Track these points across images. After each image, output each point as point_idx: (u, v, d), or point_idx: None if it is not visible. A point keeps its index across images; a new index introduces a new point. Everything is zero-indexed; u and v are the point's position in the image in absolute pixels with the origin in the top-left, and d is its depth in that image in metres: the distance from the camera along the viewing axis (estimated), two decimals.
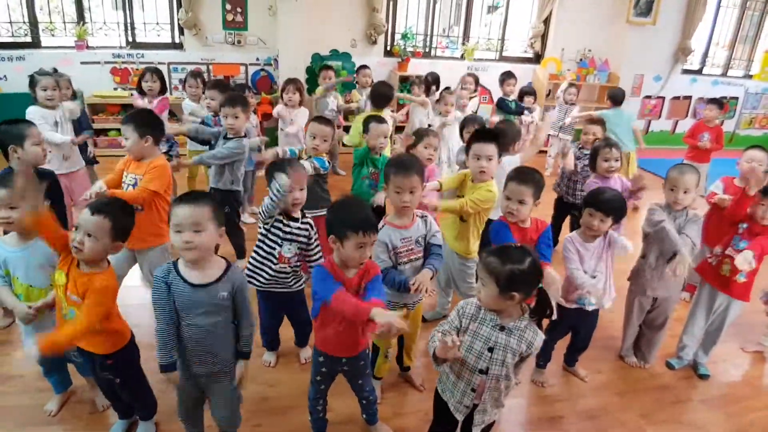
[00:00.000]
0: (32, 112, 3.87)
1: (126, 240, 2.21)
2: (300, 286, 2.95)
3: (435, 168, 3.76)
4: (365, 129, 3.80)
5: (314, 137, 3.52)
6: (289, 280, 2.86)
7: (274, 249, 2.75)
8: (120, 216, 2.14)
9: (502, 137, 3.65)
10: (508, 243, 2.12)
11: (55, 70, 5.00)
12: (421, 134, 3.73)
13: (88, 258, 2.09)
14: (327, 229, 2.19)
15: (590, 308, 2.97)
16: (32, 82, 4.01)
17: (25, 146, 2.96)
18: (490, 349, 2.01)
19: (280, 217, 2.73)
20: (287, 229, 2.73)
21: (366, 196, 3.76)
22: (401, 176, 2.53)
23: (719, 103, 6.01)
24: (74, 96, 4.93)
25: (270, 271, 2.79)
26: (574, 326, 3.11)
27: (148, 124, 3.13)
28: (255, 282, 2.83)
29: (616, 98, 6.44)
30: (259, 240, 2.81)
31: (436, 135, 3.77)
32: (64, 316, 2.17)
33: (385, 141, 3.80)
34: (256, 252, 2.83)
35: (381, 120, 3.83)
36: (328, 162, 3.61)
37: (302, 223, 2.77)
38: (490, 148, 3.04)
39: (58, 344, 1.99)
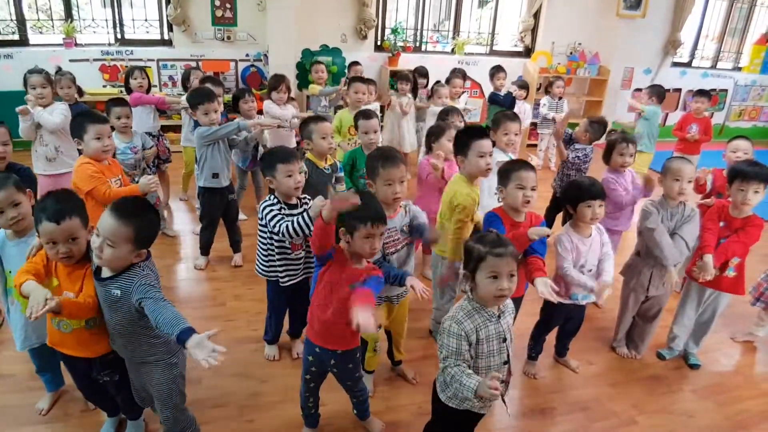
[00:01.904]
0: None
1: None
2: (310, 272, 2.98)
3: (453, 162, 3.70)
4: (355, 126, 3.77)
5: (324, 137, 3.43)
6: (305, 266, 2.92)
7: (284, 241, 2.77)
8: (82, 208, 2.10)
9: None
10: (488, 233, 2.06)
11: (59, 69, 5.00)
12: (443, 128, 3.71)
13: (78, 257, 2.07)
14: (337, 222, 2.15)
15: (584, 302, 2.99)
16: (25, 81, 4.02)
17: None
18: (504, 339, 2.03)
19: (281, 211, 2.75)
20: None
21: None
22: (390, 167, 2.53)
23: (707, 94, 6.04)
24: (81, 93, 4.93)
25: (290, 263, 2.85)
26: (565, 317, 3.11)
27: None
28: (280, 281, 2.87)
29: (662, 96, 6.17)
30: (267, 241, 2.83)
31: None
32: (55, 322, 2.12)
33: (375, 136, 3.76)
34: (268, 253, 2.85)
35: (369, 115, 3.80)
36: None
37: (300, 207, 2.80)
38: (488, 144, 2.99)
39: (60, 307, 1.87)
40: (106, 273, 2.02)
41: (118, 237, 1.90)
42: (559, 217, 4.60)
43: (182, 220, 5.10)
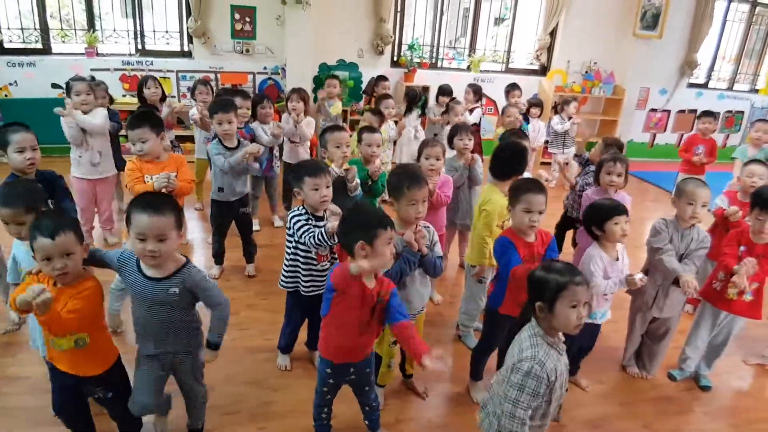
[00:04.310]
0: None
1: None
2: None
3: (449, 179, 3.73)
4: (359, 139, 3.79)
5: (339, 146, 3.47)
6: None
7: (310, 251, 2.83)
8: (77, 225, 2.09)
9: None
10: (553, 262, 2.09)
11: (93, 78, 5.13)
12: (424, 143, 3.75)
13: (74, 275, 2.05)
14: (357, 236, 2.14)
15: (602, 321, 3.00)
16: (68, 88, 4.14)
17: (8, 152, 2.91)
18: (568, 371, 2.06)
19: (309, 222, 2.79)
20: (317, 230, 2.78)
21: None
22: (415, 188, 2.56)
23: (713, 115, 5.98)
24: (111, 101, 5.04)
25: (315, 274, 2.89)
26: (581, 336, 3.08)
27: (159, 122, 3.26)
28: (302, 290, 2.92)
29: None
30: (293, 250, 2.89)
31: (437, 143, 3.75)
32: (49, 341, 2.12)
33: (378, 150, 3.74)
34: (294, 262, 2.90)
35: (373, 129, 3.82)
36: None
37: (326, 219, 2.84)
38: None
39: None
40: (155, 274, 2.11)
41: (167, 229, 2.04)
42: (569, 235, 4.60)
43: (196, 230, 5.16)
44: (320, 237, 2.67)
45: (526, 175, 3.64)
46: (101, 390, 2.29)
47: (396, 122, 5.84)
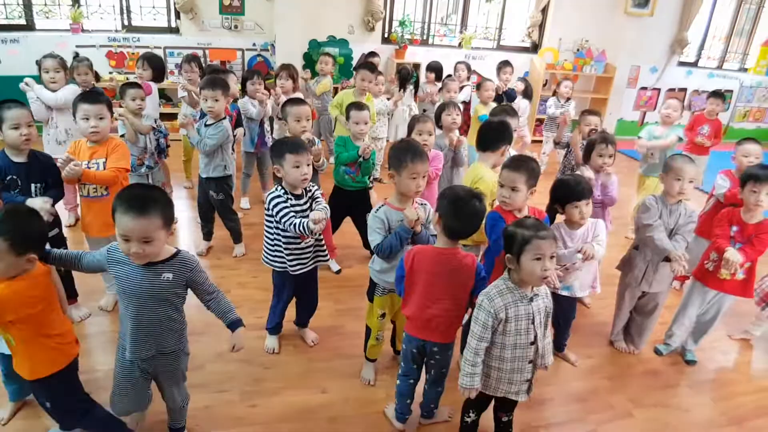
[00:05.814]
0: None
1: (37, 248, 1.96)
2: (325, 258, 3.04)
3: (439, 153, 3.75)
4: (347, 116, 3.83)
5: (298, 120, 3.55)
6: (315, 254, 2.96)
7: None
8: (21, 226, 1.90)
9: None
10: (527, 219, 2.25)
11: (77, 55, 5.06)
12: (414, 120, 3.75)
13: None
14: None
15: (580, 295, 3.05)
16: (39, 65, 4.10)
17: (3, 129, 2.81)
18: (532, 321, 2.17)
19: (288, 202, 2.76)
20: (298, 208, 2.76)
21: (346, 184, 3.81)
22: (418, 162, 2.56)
23: (722, 96, 5.93)
24: (97, 78, 4.97)
25: (300, 252, 2.87)
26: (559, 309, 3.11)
27: (110, 101, 3.14)
28: (290, 269, 2.88)
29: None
30: (273, 231, 2.85)
31: (428, 119, 3.75)
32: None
33: (366, 127, 3.79)
34: (276, 242, 2.86)
35: (360, 107, 3.83)
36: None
37: (305, 196, 2.84)
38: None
39: None
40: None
41: (153, 231, 1.91)
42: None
43: (185, 208, 5.11)
44: (302, 230, 2.62)
45: (513, 152, 3.65)
46: (41, 396, 2.20)
47: (388, 98, 5.80)
